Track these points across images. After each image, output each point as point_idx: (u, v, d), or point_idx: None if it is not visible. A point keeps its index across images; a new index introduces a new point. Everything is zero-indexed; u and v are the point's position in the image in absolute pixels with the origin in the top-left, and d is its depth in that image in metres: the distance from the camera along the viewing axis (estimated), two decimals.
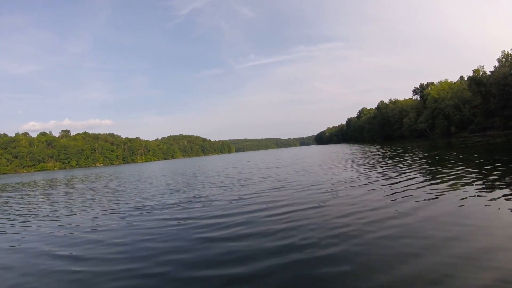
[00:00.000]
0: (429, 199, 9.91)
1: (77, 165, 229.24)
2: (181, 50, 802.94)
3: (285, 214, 9.57)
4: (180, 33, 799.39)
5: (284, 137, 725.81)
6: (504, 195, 9.28)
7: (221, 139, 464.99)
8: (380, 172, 18.00)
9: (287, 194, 13.28)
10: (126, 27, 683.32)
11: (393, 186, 13.00)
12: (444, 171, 16.14)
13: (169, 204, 13.41)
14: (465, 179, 12.88)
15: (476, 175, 13.80)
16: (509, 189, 10.16)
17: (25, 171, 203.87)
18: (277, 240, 7.09)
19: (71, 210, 14.40)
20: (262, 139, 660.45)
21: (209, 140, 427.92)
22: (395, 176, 15.74)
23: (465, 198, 9.52)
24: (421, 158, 25.01)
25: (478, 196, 9.67)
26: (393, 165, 21.17)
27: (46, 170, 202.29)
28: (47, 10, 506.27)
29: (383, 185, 13.36)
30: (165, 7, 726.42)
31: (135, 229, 9.35)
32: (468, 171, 15.28)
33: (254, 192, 14.90)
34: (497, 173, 13.69)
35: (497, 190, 10.16)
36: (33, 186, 36.69)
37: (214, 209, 11.38)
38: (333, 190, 13.22)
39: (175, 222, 9.78)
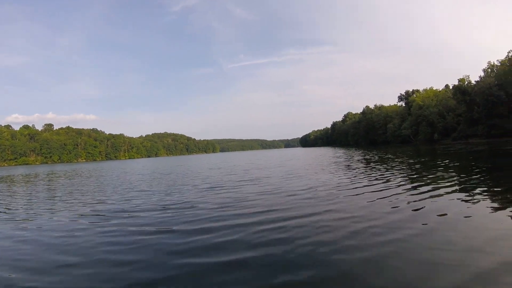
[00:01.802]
0: (415, 204, 9.72)
1: (59, 160, 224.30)
2: (172, 48, 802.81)
3: (275, 224, 8.41)
4: (172, 31, 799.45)
5: (269, 138, 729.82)
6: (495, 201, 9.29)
7: (206, 138, 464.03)
8: (368, 178, 17.15)
9: (276, 200, 12.19)
10: (118, 23, 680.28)
11: (380, 191, 12.61)
12: (430, 177, 15.90)
13: (146, 208, 12.07)
14: (447, 185, 13.14)
15: (458, 181, 14.22)
16: (493, 195, 10.76)
17: (6, 164, 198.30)
18: (266, 258, 5.99)
19: (35, 212, 12.89)
20: (247, 140, 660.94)
21: (194, 139, 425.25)
22: (382, 182, 15.24)
23: (449, 204, 9.36)
24: (407, 164, 24.51)
25: (460, 201, 10.03)
26: (382, 171, 20.39)
27: (27, 164, 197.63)
28: (39, 2, 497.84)
29: (372, 191, 12.78)
30: (157, 4, 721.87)
31: (101, 241, 7.94)
32: (451, 177, 15.73)
33: (240, 196, 13.73)
34: (485, 180, 14.10)
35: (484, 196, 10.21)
36: (7, 181, 34.82)
37: (196, 216, 10.12)
38: (327, 197, 12.22)
39: (150, 232, 8.51)
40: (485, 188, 11.95)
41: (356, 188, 14.12)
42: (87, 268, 6.08)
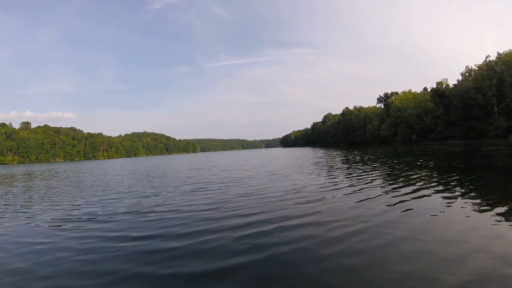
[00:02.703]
0: (401, 205, 9.65)
1: (36, 160, 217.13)
2: (151, 45, 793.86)
3: (262, 232, 7.89)
4: (152, 28, 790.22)
5: (249, 138, 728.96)
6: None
7: (186, 138, 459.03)
8: (350, 178, 16.95)
9: (260, 203, 11.70)
10: (96, 18, 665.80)
11: (363, 192, 12.74)
12: (411, 177, 16.13)
13: (124, 213, 11.36)
14: (428, 185, 13.57)
15: (438, 181, 14.68)
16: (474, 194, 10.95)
17: None
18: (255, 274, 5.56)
19: (6, 216, 12.02)
20: (227, 140, 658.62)
21: (174, 138, 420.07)
22: (365, 183, 15.30)
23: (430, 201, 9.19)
24: (388, 165, 24.60)
25: (442, 200, 10.23)
26: (364, 171, 20.22)
27: (4, 164, 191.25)
28: None
29: (355, 192, 12.67)
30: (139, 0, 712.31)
31: (73, 251, 7.22)
32: (431, 176, 16.14)
33: (222, 198, 13.22)
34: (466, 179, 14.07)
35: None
36: None
37: (175, 221, 9.52)
38: (310, 198, 11.88)
39: (127, 239, 7.86)
40: (465, 188, 12.33)
41: (339, 189, 13.99)
42: (55, 281, 5.51)
